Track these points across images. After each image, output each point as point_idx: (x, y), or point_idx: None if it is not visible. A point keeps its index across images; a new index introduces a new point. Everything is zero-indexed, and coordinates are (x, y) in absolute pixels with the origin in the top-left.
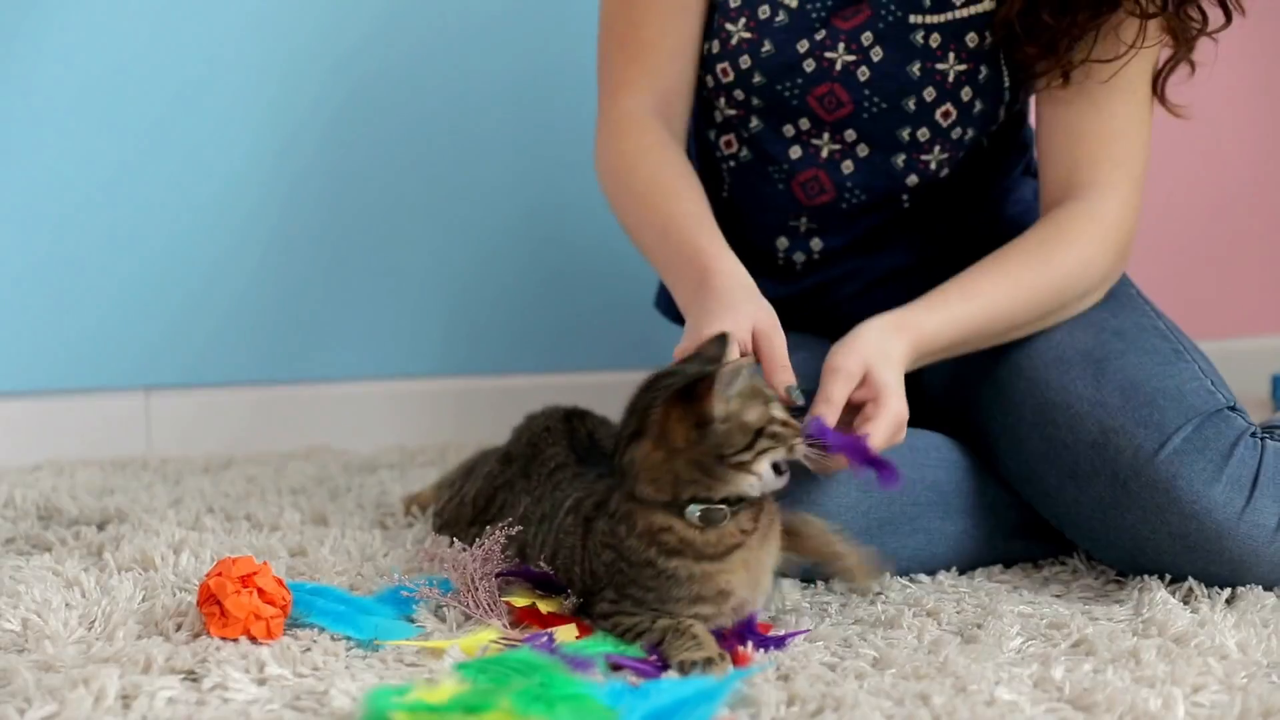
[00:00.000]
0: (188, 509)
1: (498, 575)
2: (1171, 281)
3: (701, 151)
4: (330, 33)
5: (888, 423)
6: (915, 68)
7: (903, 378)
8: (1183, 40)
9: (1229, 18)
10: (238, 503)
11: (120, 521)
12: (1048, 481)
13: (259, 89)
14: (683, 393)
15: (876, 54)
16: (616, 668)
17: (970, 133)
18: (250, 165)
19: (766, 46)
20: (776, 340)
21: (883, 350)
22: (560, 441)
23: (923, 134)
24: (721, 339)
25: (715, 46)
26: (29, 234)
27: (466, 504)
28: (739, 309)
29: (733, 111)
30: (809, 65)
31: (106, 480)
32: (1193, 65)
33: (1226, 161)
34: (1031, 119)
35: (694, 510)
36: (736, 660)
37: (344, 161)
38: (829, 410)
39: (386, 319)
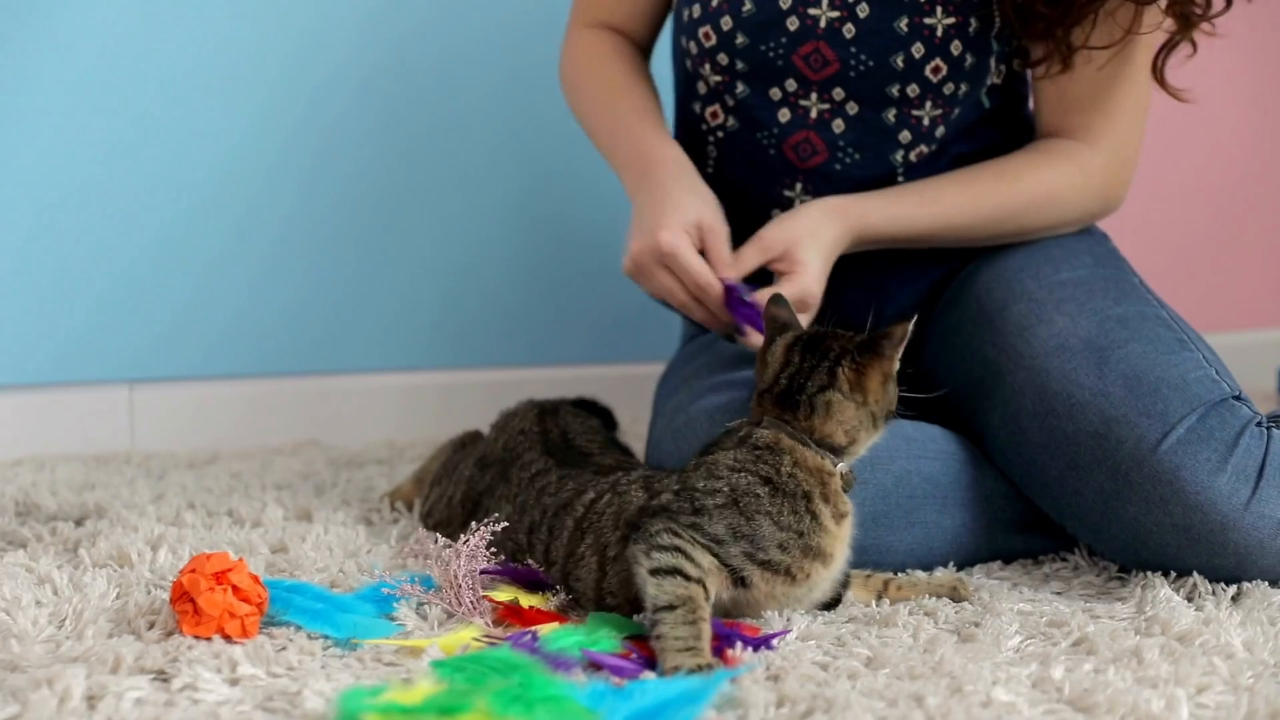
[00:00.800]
0: (169, 505)
1: (482, 572)
2: (1176, 275)
3: (687, 127)
4: (318, 27)
5: (789, 294)
6: (902, 23)
7: (828, 261)
8: (1185, 23)
9: (1229, 1)
10: (220, 498)
11: (99, 517)
12: (1048, 473)
13: (247, 84)
14: (868, 351)
15: (862, 10)
16: (596, 667)
17: (964, 88)
18: (237, 161)
19: (747, 5)
20: (721, 235)
21: (813, 231)
22: (535, 446)
23: (912, 90)
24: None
25: (696, 11)
26: (12, 228)
27: (455, 506)
28: (682, 207)
29: (718, 78)
30: (792, 23)
31: (88, 475)
32: (1194, 44)
33: (1232, 154)
34: (1031, 104)
35: (844, 466)
36: (724, 662)
37: (333, 157)
38: (732, 272)
39: (375, 313)
